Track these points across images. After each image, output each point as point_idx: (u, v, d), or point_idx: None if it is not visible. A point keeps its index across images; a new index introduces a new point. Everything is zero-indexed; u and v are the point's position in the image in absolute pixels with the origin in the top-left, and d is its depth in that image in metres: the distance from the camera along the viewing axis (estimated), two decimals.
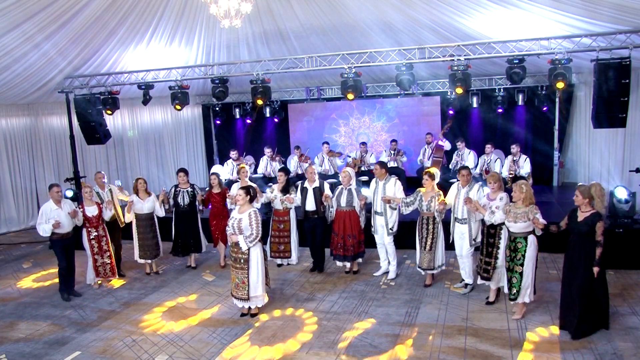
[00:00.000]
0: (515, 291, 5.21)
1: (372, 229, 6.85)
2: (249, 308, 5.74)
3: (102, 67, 9.59)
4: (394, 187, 6.57)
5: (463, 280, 6.26)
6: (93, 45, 8.61)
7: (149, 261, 7.48)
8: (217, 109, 13.63)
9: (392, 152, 10.76)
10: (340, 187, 6.91)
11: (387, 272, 6.91)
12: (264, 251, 5.73)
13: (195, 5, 8.12)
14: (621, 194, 7.13)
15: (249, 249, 5.48)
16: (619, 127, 7.66)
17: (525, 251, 5.14)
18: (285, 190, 7.32)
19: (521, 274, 5.17)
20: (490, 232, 5.64)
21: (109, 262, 6.97)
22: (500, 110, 11.53)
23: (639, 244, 6.80)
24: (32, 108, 11.19)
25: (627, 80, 6.70)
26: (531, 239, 5.15)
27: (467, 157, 9.80)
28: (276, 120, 13.44)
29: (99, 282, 7.05)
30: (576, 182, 11.26)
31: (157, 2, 7.88)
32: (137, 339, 5.32)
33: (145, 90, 9.42)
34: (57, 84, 9.75)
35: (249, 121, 13.74)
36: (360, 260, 7.10)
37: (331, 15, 8.50)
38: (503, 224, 5.42)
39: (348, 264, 7.02)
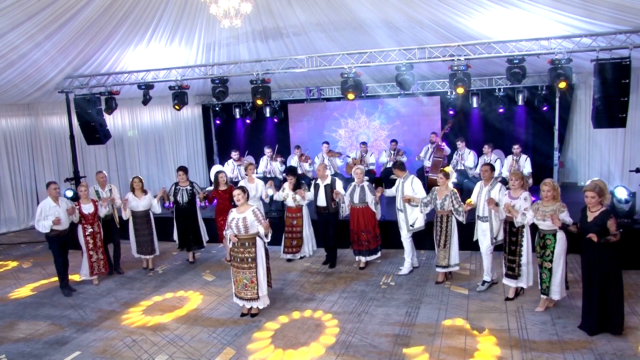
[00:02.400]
0: (545, 286, 5.29)
1: (399, 225, 7.02)
2: (250, 308, 5.74)
3: (102, 67, 9.58)
4: (412, 185, 6.75)
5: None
6: (93, 45, 8.61)
7: (146, 257, 7.65)
8: (217, 109, 13.65)
9: (392, 152, 10.76)
10: (353, 184, 7.12)
11: (415, 267, 7.07)
12: (266, 250, 5.75)
13: (195, 5, 8.12)
14: (621, 194, 7.13)
15: (255, 248, 5.53)
16: (619, 127, 7.66)
17: (554, 247, 5.18)
18: (296, 189, 7.54)
19: (550, 270, 5.21)
20: (513, 230, 5.63)
21: (102, 257, 7.15)
22: (500, 110, 11.55)
23: (639, 244, 6.79)
24: (32, 108, 11.18)
25: (627, 80, 6.70)
26: (560, 235, 5.17)
27: (467, 156, 9.79)
28: (276, 120, 13.46)
29: (96, 281, 7.17)
30: (576, 182, 11.29)
31: (157, 2, 7.88)
32: (137, 339, 5.32)
33: (145, 90, 9.42)
34: (57, 84, 9.75)
35: (248, 121, 13.75)
36: (378, 254, 7.29)
37: (331, 15, 8.51)
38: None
39: (363, 259, 7.21)
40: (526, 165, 9.14)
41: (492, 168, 6.18)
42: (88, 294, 6.78)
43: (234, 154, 10.74)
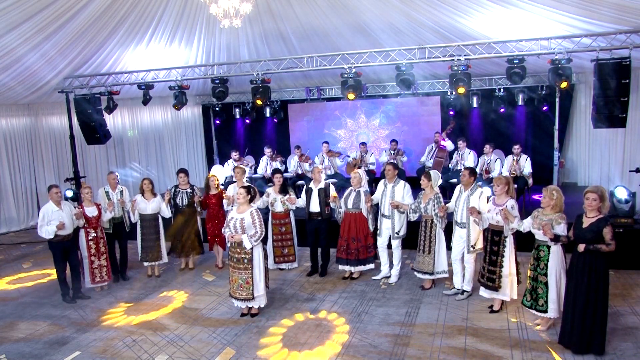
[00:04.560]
0: (542, 302, 4.93)
1: (377, 232, 6.75)
2: (249, 308, 5.74)
3: (102, 67, 9.59)
4: (403, 191, 6.44)
5: (453, 287, 6.11)
6: (93, 45, 8.61)
7: (153, 264, 7.39)
8: (217, 109, 13.65)
9: (392, 152, 10.76)
10: (349, 188, 6.76)
11: (387, 276, 6.79)
12: (265, 250, 5.73)
13: (195, 5, 8.12)
14: (621, 194, 7.13)
15: (252, 249, 5.47)
16: (619, 127, 7.65)
17: (547, 260, 4.86)
18: (283, 192, 7.17)
19: (546, 284, 4.87)
20: (495, 239, 5.40)
21: (105, 264, 6.80)
22: (500, 110, 11.56)
23: (639, 244, 6.80)
24: (32, 108, 11.19)
25: (627, 80, 6.69)
26: (554, 248, 4.82)
27: (467, 156, 9.80)
28: (276, 120, 13.47)
29: (99, 288, 6.91)
30: (576, 182, 11.29)
31: (157, 2, 7.88)
32: (137, 339, 5.32)
33: (145, 90, 9.42)
34: (57, 84, 9.75)
35: (248, 121, 13.77)
36: (372, 265, 6.77)
37: (331, 15, 8.51)
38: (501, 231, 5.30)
39: (352, 269, 6.79)
40: (526, 165, 9.14)
41: (471, 172, 5.92)
42: (88, 294, 6.77)
43: (234, 154, 10.74)
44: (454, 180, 9.19)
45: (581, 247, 4.43)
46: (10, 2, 6.46)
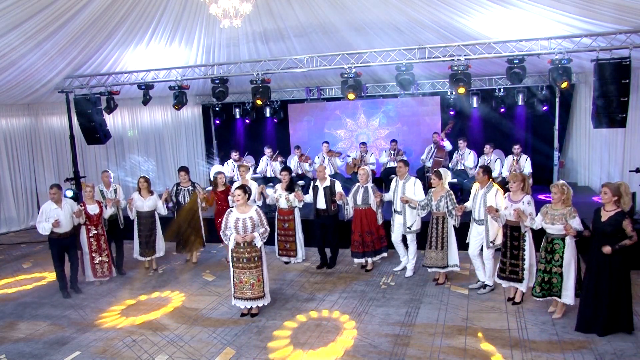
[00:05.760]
0: (556, 290, 5.16)
1: (391, 227, 6.93)
2: (250, 308, 5.74)
3: (102, 67, 9.59)
4: (414, 187, 6.65)
5: (479, 280, 6.24)
6: (93, 45, 8.61)
7: (149, 258, 7.57)
8: (217, 109, 13.67)
9: (392, 152, 10.76)
10: (357, 185, 7.00)
11: (406, 268, 6.95)
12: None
13: (195, 5, 8.12)
14: None
15: (261, 246, 5.57)
16: (619, 127, 7.65)
17: (563, 252, 5.06)
18: (290, 189, 7.38)
19: (561, 274, 5.09)
20: (514, 234, 5.54)
21: (106, 260, 7.07)
22: (501, 110, 11.56)
23: (639, 244, 6.77)
24: (32, 108, 11.18)
25: (627, 80, 6.70)
26: (569, 240, 5.04)
27: (468, 156, 9.81)
28: (276, 120, 13.47)
29: (99, 282, 7.11)
30: (576, 182, 11.30)
31: (157, 2, 7.88)
32: (137, 339, 5.32)
33: (145, 90, 9.43)
34: (57, 84, 9.75)
35: (248, 121, 13.77)
36: (384, 254, 7.13)
37: (331, 15, 8.51)
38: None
39: (370, 260, 7.06)
40: (526, 165, 9.16)
41: (486, 171, 6.02)
42: (88, 294, 6.78)
43: (234, 154, 10.76)
44: (454, 181, 9.19)
45: (608, 250, 4.63)
46: (11, 1, 6.46)
